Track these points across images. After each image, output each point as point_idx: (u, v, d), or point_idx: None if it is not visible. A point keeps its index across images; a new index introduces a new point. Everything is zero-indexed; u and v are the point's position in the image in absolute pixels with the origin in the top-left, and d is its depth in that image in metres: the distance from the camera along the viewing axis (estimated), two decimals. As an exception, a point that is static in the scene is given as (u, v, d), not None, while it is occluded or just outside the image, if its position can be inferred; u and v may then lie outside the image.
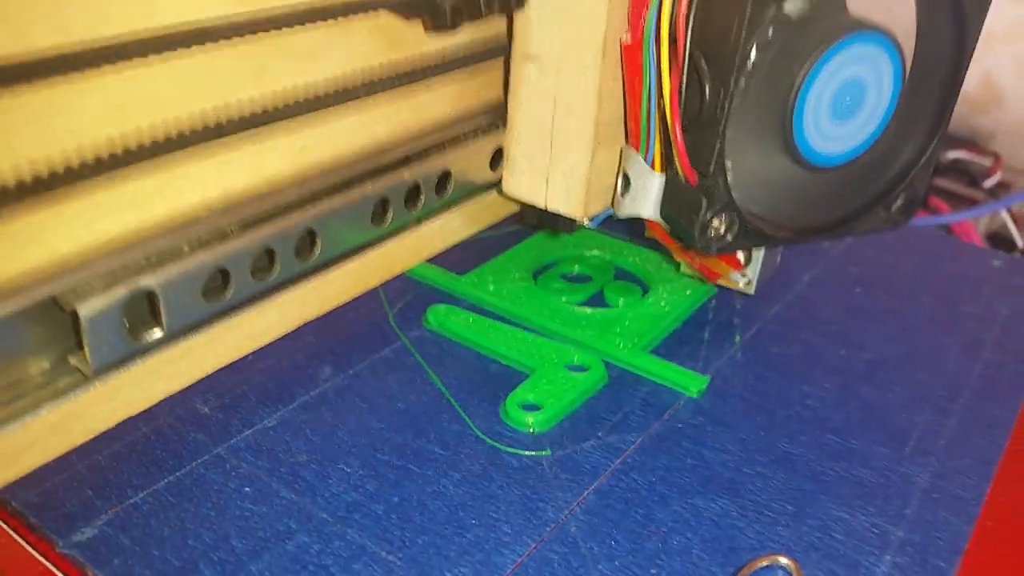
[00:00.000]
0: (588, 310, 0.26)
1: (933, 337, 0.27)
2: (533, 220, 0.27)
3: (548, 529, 0.19)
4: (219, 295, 0.19)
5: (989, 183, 0.55)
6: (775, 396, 0.24)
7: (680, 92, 0.21)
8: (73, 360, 0.17)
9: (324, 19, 0.18)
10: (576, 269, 0.28)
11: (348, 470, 0.20)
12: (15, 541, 0.18)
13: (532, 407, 0.22)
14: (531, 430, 0.22)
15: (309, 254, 0.21)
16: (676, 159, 0.22)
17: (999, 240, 0.55)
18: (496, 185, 0.26)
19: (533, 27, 0.23)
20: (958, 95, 0.23)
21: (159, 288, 0.18)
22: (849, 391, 0.24)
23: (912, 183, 0.24)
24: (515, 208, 0.29)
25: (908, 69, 0.22)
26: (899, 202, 0.24)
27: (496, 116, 0.25)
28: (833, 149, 0.22)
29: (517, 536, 0.19)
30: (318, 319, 0.24)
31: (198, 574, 0.17)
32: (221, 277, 0.19)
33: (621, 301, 0.27)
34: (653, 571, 0.18)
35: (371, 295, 0.26)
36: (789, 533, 0.19)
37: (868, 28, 0.21)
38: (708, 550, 0.19)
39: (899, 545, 0.19)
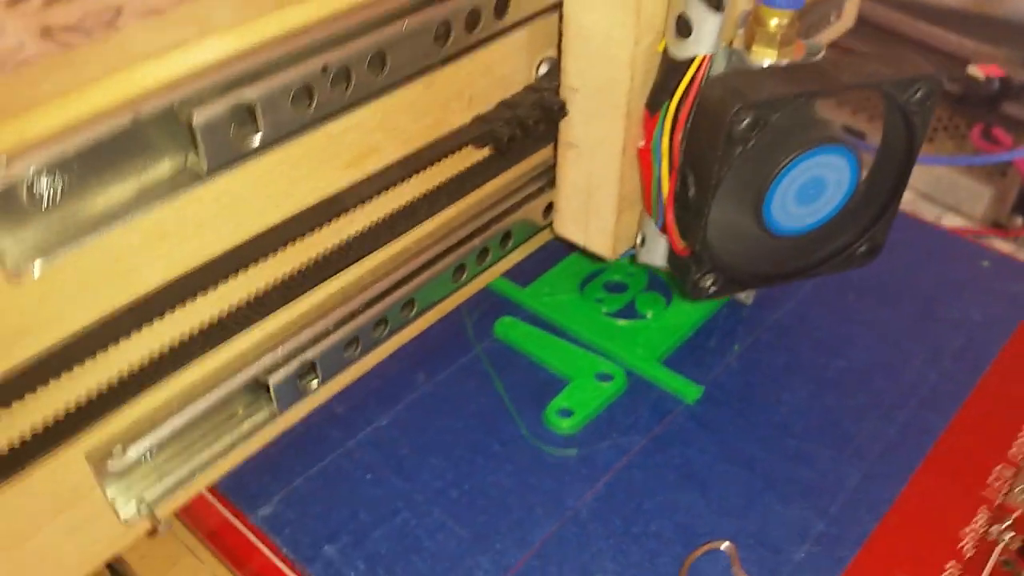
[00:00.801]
0: (618, 321, 0.34)
1: (903, 345, 0.33)
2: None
3: (568, 513, 0.28)
4: (352, 351, 0.28)
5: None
6: (755, 403, 0.31)
7: (675, 191, 0.28)
8: (264, 402, 0.27)
9: (421, 170, 0.25)
10: (616, 278, 0.35)
11: (435, 462, 0.29)
12: (221, 512, 0.29)
13: (567, 412, 0.31)
14: (564, 432, 0.30)
15: (410, 312, 0.29)
16: (670, 240, 0.28)
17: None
18: (549, 226, 0.33)
19: (572, 127, 0.29)
20: (911, 173, 0.28)
21: (318, 359, 0.27)
22: (816, 399, 0.31)
23: (874, 236, 0.30)
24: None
25: (866, 167, 0.27)
26: (863, 249, 0.30)
27: (548, 178, 0.31)
28: (798, 224, 0.28)
29: (546, 518, 0.28)
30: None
31: (339, 540, 0.27)
32: (354, 340, 0.28)
33: (649, 312, 0.34)
34: (636, 547, 0.27)
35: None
36: (738, 523, 0.28)
37: (832, 142, 0.27)
38: (677, 533, 0.27)
39: (817, 536, 0.27)
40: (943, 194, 0.57)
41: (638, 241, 0.31)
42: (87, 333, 0.20)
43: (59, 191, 0.18)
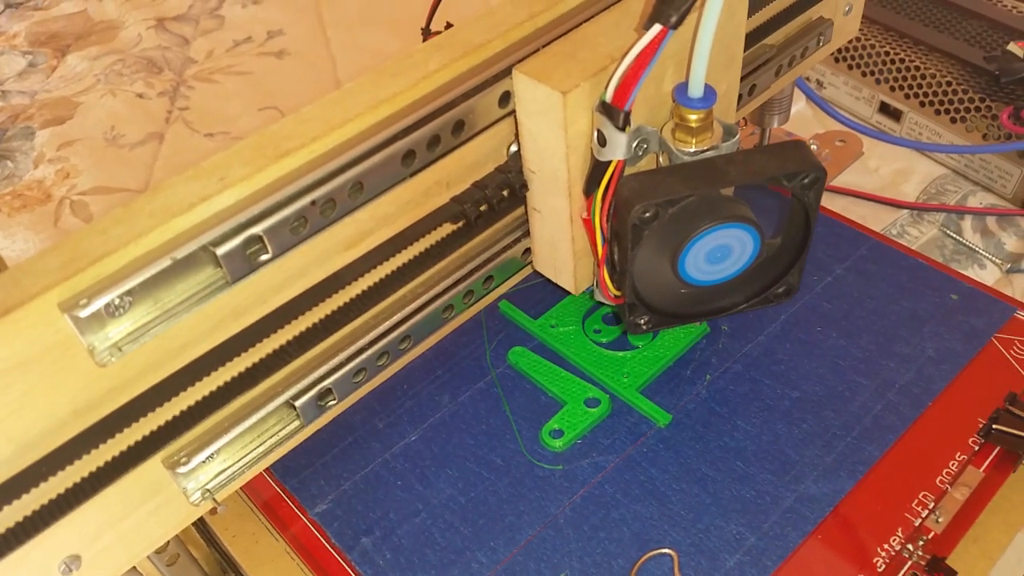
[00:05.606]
0: (609, 352, 0.40)
1: (854, 378, 0.38)
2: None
3: (549, 519, 0.35)
4: (361, 377, 0.36)
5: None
6: (714, 428, 0.37)
7: (607, 256, 0.33)
8: (293, 417, 0.35)
9: (408, 246, 0.33)
10: (613, 311, 0.41)
11: (450, 472, 0.37)
12: (289, 504, 0.38)
13: (558, 433, 0.37)
14: (554, 450, 0.37)
15: (408, 344, 0.36)
16: (603, 292, 0.34)
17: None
18: (527, 265, 0.39)
19: (535, 197, 0.35)
20: (812, 237, 0.33)
21: (334, 386, 0.34)
22: (768, 426, 0.37)
23: (788, 280, 0.35)
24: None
25: (769, 234, 0.33)
26: (780, 290, 0.35)
27: (524, 229, 0.37)
28: (710, 279, 0.33)
29: (531, 522, 0.35)
30: (444, 356, 0.40)
31: (373, 533, 0.36)
32: (362, 370, 0.35)
33: (639, 344, 0.40)
34: (599, 549, 0.34)
35: (477, 330, 0.42)
36: (683, 533, 0.34)
37: (735, 219, 0.31)
38: (633, 539, 0.34)
39: (748, 548, 0.33)
40: (975, 171, 0.59)
41: (594, 284, 0.37)
42: (155, 388, 0.29)
43: (128, 305, 0.26)
